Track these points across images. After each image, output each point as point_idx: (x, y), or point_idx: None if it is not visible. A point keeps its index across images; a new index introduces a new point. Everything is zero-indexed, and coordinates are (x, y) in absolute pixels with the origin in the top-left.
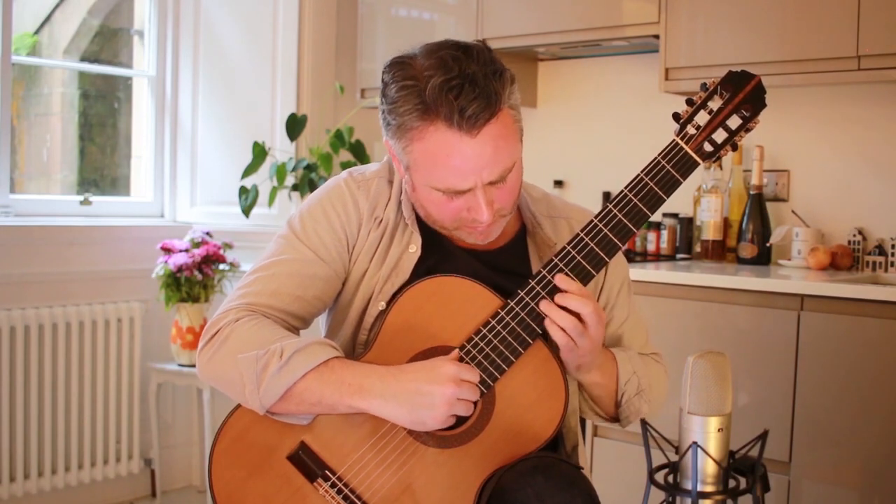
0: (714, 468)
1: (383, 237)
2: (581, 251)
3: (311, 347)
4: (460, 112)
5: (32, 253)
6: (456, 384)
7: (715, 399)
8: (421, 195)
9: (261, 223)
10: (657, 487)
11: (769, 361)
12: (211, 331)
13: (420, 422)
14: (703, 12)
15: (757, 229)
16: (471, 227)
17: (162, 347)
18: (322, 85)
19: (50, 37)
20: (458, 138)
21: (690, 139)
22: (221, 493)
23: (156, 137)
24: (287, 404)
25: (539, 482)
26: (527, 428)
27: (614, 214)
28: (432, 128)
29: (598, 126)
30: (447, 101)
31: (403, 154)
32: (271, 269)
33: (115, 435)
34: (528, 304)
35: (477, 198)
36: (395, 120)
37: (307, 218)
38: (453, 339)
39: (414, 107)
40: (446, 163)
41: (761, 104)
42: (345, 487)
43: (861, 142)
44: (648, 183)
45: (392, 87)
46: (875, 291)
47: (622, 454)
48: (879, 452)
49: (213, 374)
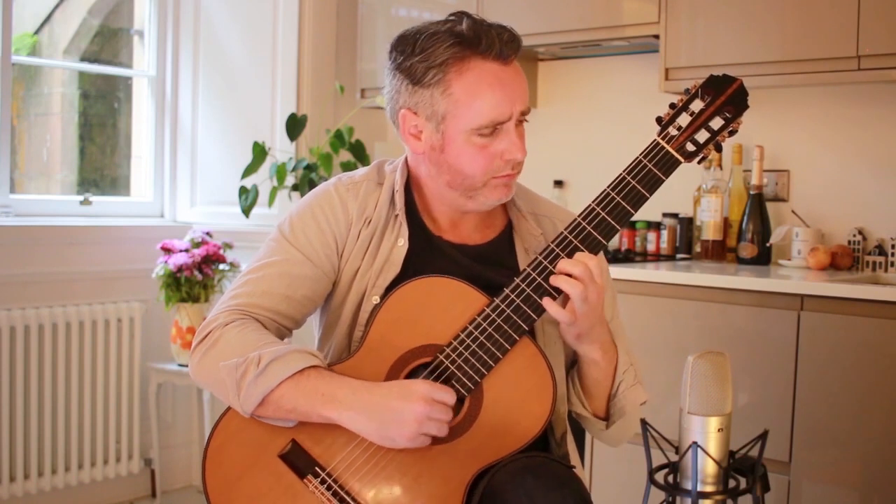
0: (714, 468)
1: (374, 236)
2: (565, 249)
3: (290, 356)
4: (499, 37)
5: (32, 253)
6: (427, 403)
7: (715, 399)
8: (454, 149)
9: (261, 223)
10: (657, 487)
11: (769, 361)
12: (201, 334)
13: (388, 437)
14: (703, 12)
15: (757, 229)
16: (501, 178)
17: (162, 347)
18: (322, 85)
19: (50, 37)
20: (497, 67)
21: (672, 139)
22: (214, 492)
23: (156, 137)
24: (265, 410)
25: (529, 482)
26: (515, 424)
27: (597, 213)
28: (470, 63)
29: (598, 126)
30: (484, 31)
31: (440, 102)
32: (261, 271)
33: (115, 435)
34: (514, 301)
35: (512, 134)
36: (428, 69)
37: (296, 221)
38: (441, 338)
39: (450, 46)
40: (488, 93)
41: (744, 106)
42: (334, 484)
43: (861, 142)
44: (631, 182)
45: (420, 40)
46: (875, 291)
47: (622, 454)
48: (879, 452)
49: (202, 378)
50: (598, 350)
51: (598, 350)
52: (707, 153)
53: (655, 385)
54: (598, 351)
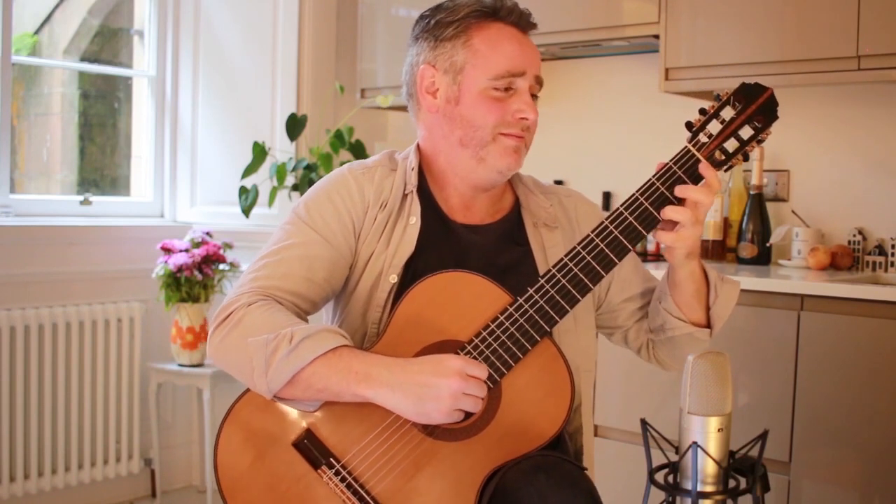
0: (714, 468)
1: (389, 218)
2: (592, 252)
3: (321, 334)
4: (518, 8)
5: (32, 253)
6: (462, 378)
7: (715, 399)
8: (469, 100)
9: (261, 223)
10: (657, 487)
11: (769, 361)
12: (223, 313)
13: (424, 414)
14: (703, 12)
15: (757, 229)
16: (511, 136)
17: (162, 347)
18: (322, 85)
19: (50, 37)
20: (517, 32)
21: (702, 147)
22: (225, 477)
23: (156, 137)
24: (294, 389)
25: (541, 481)
26: (531, 425)
27: (625, 217)
28: (493, 24)
29: (598, 126)
30: (503, 4)
31: (460, 52)
32: (279, 254)
33: (115, 435)
34: (537, 301)
35: (526, 94)
36: (451, 23)
37: (312, 205)
38: (462, 334)
39: (473, 9)
40: (508, 45)
41: (773, 116)
42: (348, 476)
43: (861, 142)
44: (660, 188)
45: (445, 4)
46: (875, 291)
47: (622, 454)
48: (879, 452)
49: (224, 357)
50: (698, 263)
51: (698, 263)
52: (735, 163)
53: (655, 385)
54: (698, 264)
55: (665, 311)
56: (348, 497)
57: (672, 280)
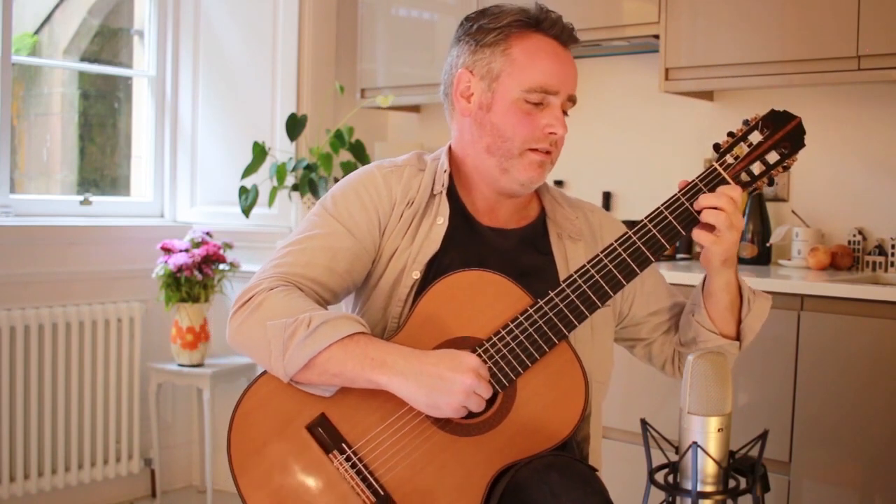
0: (714, 468)
1: (415, 216)
2: (614, 260)
3: (339, 320)
4: (561, 22)
5: (32, 253)
6: (476, 377)
7: (715, 399)
8: (501, 109)
9: (261, 223)
10: (657, 487)
11: (769, 361)
12: (244, 297)
13: (434, 405)
14: (703, 12)
15: (757, 229)
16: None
17: (162, 347)
18: (322, 85)
19: (50, 37)
20: (556, 45)
21: (729, 167)
22: (237, 455)
23: (156, 137)
24: (310, 373)
25: (554, 479)
26: (544, 426)
27: (649, 229)
28: (534, 35)
29: (598, 126)
30: (548, 16)
31: (498, 60)
32: (303, 243)
33: (115, 435)
34: (557, 305)
35: (557, 110)
36: (492, 30)
37: (339, 198)
38: (481, 332)
39: (517, 18)
40: (546, 60)
41: (800, 143)
42: (359, 462)
43: (861, 142)
44: (685, 203)
45: (490, 10)
46: (875, 291)
47: (622, 454)
48: (879, 452)
49: (242, 339)
50: (734, 273)
51: (734, 273)
52: (760, 186)
53: (655, 385)
54: (734, 274)
55: (698, 323)
56: (357, 483)
57: (707, 290)
